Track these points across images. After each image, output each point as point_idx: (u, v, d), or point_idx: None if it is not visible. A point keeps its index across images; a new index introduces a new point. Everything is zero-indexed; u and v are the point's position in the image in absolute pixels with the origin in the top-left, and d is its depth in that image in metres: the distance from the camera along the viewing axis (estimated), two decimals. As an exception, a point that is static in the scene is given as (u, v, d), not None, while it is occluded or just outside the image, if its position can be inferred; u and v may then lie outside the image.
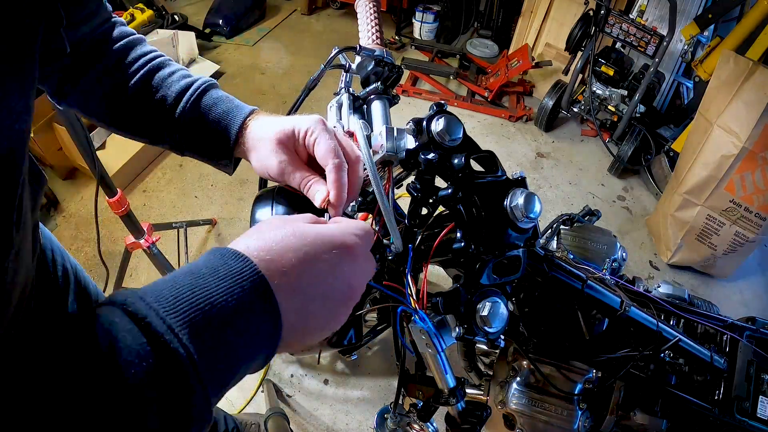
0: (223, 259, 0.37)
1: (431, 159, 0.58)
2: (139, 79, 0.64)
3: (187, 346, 0.30)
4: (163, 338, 0.30)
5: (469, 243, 0.60)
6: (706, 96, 2.26)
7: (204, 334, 0.32)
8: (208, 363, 0.32)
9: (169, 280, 0.34)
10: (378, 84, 0.67)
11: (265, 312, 0.36)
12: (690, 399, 0.91)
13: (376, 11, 0.78)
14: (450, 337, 0.69)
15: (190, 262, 0.38)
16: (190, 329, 0.31)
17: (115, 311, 0.31)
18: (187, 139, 0.65)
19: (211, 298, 0.33)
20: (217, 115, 0.63)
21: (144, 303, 0.31)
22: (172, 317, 0.31)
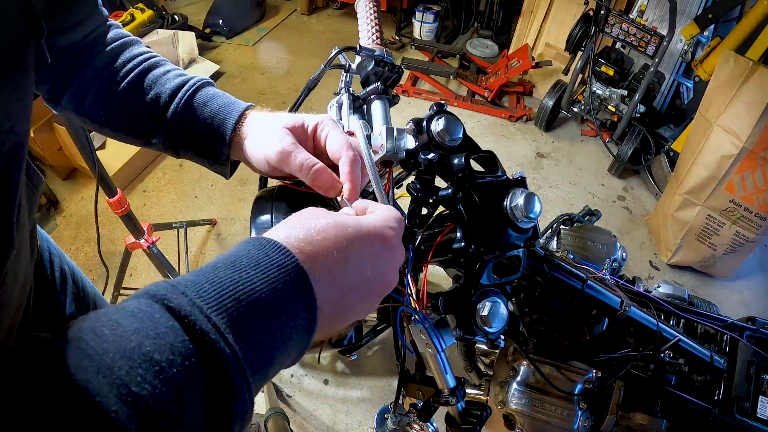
0: (264, 250, 0.36)
1: (431, 159, 0.58)
2: (132, 78, 0.64)
3: (233, 346, 0.30)
4: (209, 338, 0.29)
5: (469, 243, 0.60)
6: (706, 96, 2.26)
7: (248, 332, 0.31)
8: (251, 361, 0.31)
9: (210, 273, 0.33)
10: (378, 84, 0.67)
11: (303, 307, 0.36)
12: (690, 399, 0.91)
13: (376, 11, 0.78)
14: (450, 337, 0.69)
15: (227, 252, 0.36)
16: (233, 327, 0.30)
17: (155, 306, 0.30)
18: (181, 137, 0.63)
19: (254, 294, 0.32)
20: (212, 111, 0.62)
21: (187, 299, 0.30)
22: (216, 315, 0.30)
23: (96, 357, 0.26)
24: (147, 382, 0.27)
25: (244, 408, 0.31)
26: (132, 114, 0.64)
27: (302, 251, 0.37)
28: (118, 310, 0.30)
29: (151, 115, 0.63)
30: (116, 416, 0.25)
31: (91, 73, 0.64)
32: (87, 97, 0.64)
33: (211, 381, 0.29)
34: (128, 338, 0.28)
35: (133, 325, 0.28)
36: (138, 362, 0.27)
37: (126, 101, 0.64)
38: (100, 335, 0.28)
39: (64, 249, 2.49)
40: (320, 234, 0.39)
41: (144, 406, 0.26)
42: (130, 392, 0.26)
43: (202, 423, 0.29)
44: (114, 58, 0.64)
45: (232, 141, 0.61)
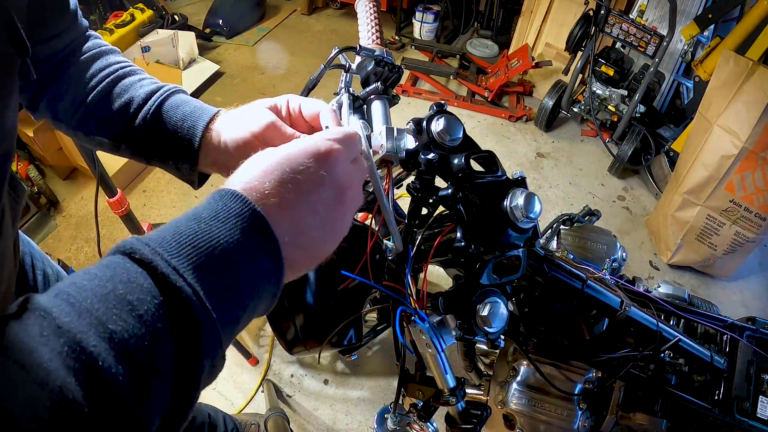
0: (223, 201, 0.38)
1: (431, 159, 0.58)
2: (105, 85, 0.65)
3: (192, 284, 0.33)
4: (169, 278, 0.33)
5: (469, 243, 0.60)
6: (706, 96, 2.26)
7: (208, 273, 0.34)
8: (214, 299, 0.34)
9: (173, 226, 0.37)
10: (378, 84, 0.67)
11: (264, 248, 0.38)
12: (690, 399, 0.91)
13: (376, 11, 0.78)
14: (450, 337, 0.69)
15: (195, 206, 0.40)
16: (194, 270, 0.34)
17: (124, 258, 0.34)
18: (152, 139, 0.65)
19: (212, 241, 0.36)
20: (184, 113, 0.64)
21: (150, 248, 0.34)
22: (176, 260, 0.34)
23: (77, 303, 0.31)
24: (122, 320, 0.31)
25: (212, 343, 0.34)
26: (103, 118, 0.66)
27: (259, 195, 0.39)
28: (94, 266, 0.34)
29: (122, 119, 0.65)
30: (95, 350, 0.29)
31: (66, 81, 0.65)
32: (61, 103, 0.66)
33: (177, 318, 0.32)
34: (104, 285, 0.32)
35: (107, 274, 0.33)
36: (113, 303, 0.31)
37: (97, 106, 0.65)
38: (80, 286, 0.32)
39: (64, 249, 2.49)
40: (269, 174, 0.40)
41: (120, 341, 0.30)
42: (106, 329, 0.30)
43: (173, 358, 0.32)
44: (88, 66, 0.66)
45: (204, 141, 0.63)
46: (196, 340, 0.33)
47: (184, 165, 0.65)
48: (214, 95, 3.39)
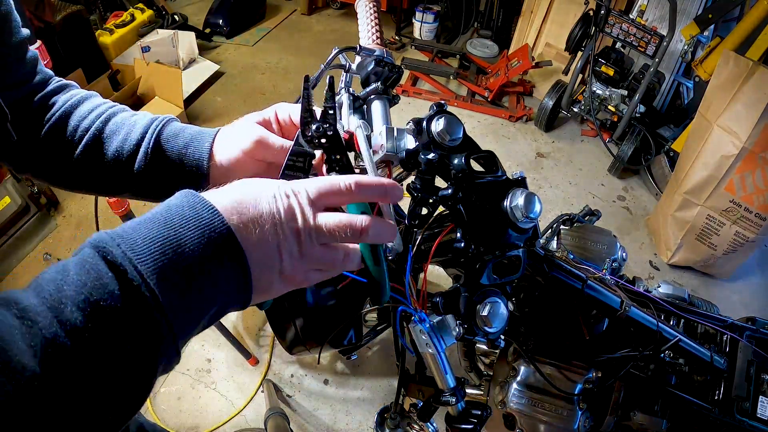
0: (195, 210, 0.40)
1: (431, 159, 0.58)
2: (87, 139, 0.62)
3: (153, 289, 0.36)
4: (134, 283, 0.36)
5: (469, 243, 0.60)
6: (706, 96, 2.26)
7: (170, 279, 0.37)
8: (173, 303, 0.37)
9: (143, 228, 0.39)
10: (378, 84, 0.67)
11: (231, 265, 0.40)
12: (690, 399, 0.91)
13: (376, 11, 0.78)
14: (450, 337, 0.69)
15: (164, 204, 0.42)
16: (158, 275, 0.37)
17: (96, 256, 0.37)
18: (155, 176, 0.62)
19: (180, 249, 0.38)
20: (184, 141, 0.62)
21: (120, 251, 0.37)
22: (143, 265, 0.36)
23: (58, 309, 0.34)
24: (79, 311, 0.34)
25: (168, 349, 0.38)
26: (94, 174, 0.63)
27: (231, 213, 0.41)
28: (67, 265, 0.37)
29: (117, 164, 0.62)
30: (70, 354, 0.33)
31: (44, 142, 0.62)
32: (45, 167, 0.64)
33: (138, 324, 0.36)
34: (80, 291, 0.35)
35: (81, 278, 0.36)
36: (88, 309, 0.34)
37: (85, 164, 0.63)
38: (61, 289, 0.35)
39: (63, 249, 2.49)
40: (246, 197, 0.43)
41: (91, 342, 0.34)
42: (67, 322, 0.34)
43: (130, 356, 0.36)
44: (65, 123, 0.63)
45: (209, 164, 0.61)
46: (155, 345, 0.37)
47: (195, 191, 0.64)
48: (214, 95, 3.39)
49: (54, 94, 0.65)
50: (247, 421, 1.82)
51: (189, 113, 3.10)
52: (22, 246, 2.29)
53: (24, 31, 0.59)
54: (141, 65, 3.01)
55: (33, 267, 2.24)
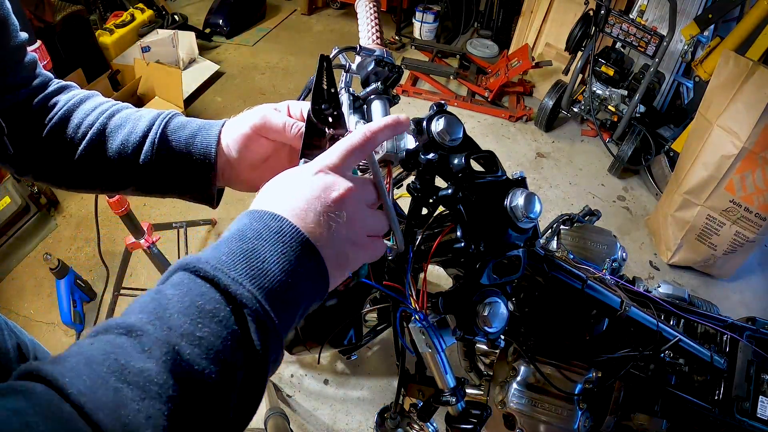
0: (263, 221, 0.42)
1: (431, 159, 0.58)
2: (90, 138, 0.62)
3: (252, 292, 0.38)
4: (230, 289, 0.38)
5: (469, 243, 0.60)
6: (706, 96, 2.26)
7: (263, 282, 0.39)
8: (271, 302, 0.39)
9: (223, 247, 0.41)
10: (378, 84, 0.67)
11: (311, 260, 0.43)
12: (690, 399, 0.91)
13: (376, 11, 0.78)
14: (450, 337, 0.69)
15: (231, 226, 0.44)
16: (250, 280, 0.39)
17: (191, 276, 0.38)
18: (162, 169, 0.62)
19: (261, 257, 0.40)
20: (191, 131, 0.62)
21: (210, 266, 0.38)
22: (234, 273, 0.38)
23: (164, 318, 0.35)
24: (206, 326, 0.36)
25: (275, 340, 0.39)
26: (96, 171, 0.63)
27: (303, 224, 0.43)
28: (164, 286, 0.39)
29: (122, 160, 0.62)
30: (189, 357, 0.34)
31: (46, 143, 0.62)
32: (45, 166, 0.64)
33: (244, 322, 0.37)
34: (182, 300, 0.37)
35: (182, 290, 0.37)
36: (195, 315, 0.36)
37: (88, 161, 0.62)
38: (161, 304, 0.36)
39: (64, 249, 2.48)
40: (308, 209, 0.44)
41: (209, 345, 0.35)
42: (196, 337, 0.35)
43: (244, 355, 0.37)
44: (66, 123, 0.63)
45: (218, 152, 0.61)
46: (265, 340, 0.38)
47: (202, 183, 0.63)
48: (214, 95, 3.39)
49: (54, 95, 0.65)
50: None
51: (189, 113, 3.10)
52: (22, 246, 2.29)
53: (22, 35, 0.59)
54: (141, 65, 3.01)
55: (33, 267, 2.24)
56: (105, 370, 0.31)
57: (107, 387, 0.31)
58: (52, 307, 2.06)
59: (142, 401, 0.31)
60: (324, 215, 0.44)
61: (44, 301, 2.13)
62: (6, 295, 2.15)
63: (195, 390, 0.34)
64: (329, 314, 0.98)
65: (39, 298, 2.14)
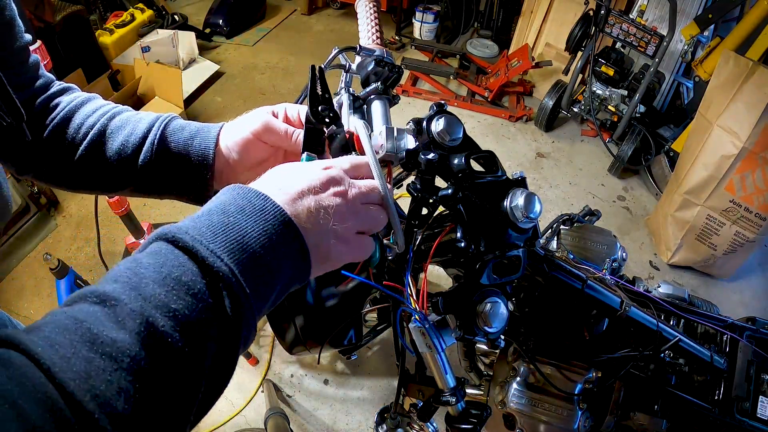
0: (247, 198, 0.43)
1: (431, 159, 0.58)
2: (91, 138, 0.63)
3: (229, 265, 0.38)
4: (207, 261, 0.38)
5: (469, 243, 0.60)
6: (706, 96, 2.26)
7: (239, 257, 0.39)
8: (247, 277, 0.39)
9: (204, 219, 0.41)
10: (378, 84, 0.67)
11: (292, 241, 0.43)
12: (690, 399, 0.91)
13: (376, 11, 0.78)
14: (450, 337, 0.69)
15: (215, 198, 0.44)
16: (228, 254, 0.39)
17: (169, 246, 0.38)
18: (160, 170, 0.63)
19: (242, 231, 0.40)
20: (190, 134, 0.63)
21: (190, 236, 0.39)
22: (213, 245, 0.39)
23: (139, 288, 0.35)
24: (181, 299, 0.36)
25: (248, 314, 0.39)
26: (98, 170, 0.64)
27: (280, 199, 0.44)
28: (142, 254, 0.39)
29: (121, 161, 0.63)
30: (164, 329, 0.34)
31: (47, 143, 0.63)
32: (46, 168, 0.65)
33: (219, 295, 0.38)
34: (159, 270, 0.36)
35: (159, 260, 0.37)
36: (171, 286, 0.36)
37: (88, 162, 0.63)
38: (138, 273, 0.36)
39: (63, 249, 2.48)
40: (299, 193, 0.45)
41: (183, 318, 0.35)
42: (170, 309, 0.35)
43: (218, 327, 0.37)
44: (68, 123, 0.64)
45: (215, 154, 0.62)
46: (238, 315, 0.38)
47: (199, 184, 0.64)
48: (214, 95, 3.39)
49: (56, 96, 0.66)
50: (247, 421, 1.82)
51: (189, 113, 3.10)
52: (22, 246, 2.29)
53: (27, 36, 0.60)
54: (141, 65, 3.01)
55: (33, 267, 2.24)
56: (78, 339, 0.32)
57: (79, 357, 0.31)
58: (52, 307, 2.06)
59: (114, 372, 0.31)
60: (316, 204, 0.45)
61: (44, 301, 2.13)
62: (6, 295, 2.15)
63: (167, 363, 0.34)
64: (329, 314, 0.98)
65: (39, 298, 2.14)
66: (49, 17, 2.69)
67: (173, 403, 0.34)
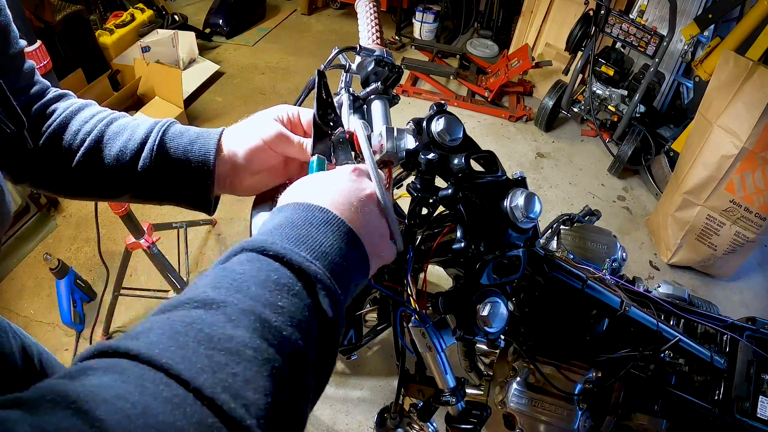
0: (311, 212, 0.45)
1: (431, 159, 0.58)
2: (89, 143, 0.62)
3: (320, 268, 0.40)
4: (302, 266, 0.40)
5: (469, 243, 0.60)
6: (706, 96, 2.26)
7: (325, 262, 0.42)
8: (335, 278, 0.42)
9: (278, 232, 0.43)
10: (378, 84, 0.67)
11: (356, 248, 0.46)
12: (690, 399, 0.91)
13: (376, 11, 0.78)
14: (450, 337, 0.69)
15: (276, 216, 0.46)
16: (316, 259, 0.41)
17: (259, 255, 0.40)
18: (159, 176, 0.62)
19: (318, 241, 0.43)
20: (189, 139, 0.62)
21: (278, 245, 0.40)
22: (302, 252, 0.41)
23: (243, 289, 0.36)
24: (285, 298, 0.37)
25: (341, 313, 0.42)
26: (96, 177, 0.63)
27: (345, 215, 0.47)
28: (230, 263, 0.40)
29: (119, 168, 0.62)
30: (277, 323, 0.35)
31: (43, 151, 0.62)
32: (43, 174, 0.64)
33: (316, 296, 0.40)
34: (256, 275, 0.38)
35: (254, 266, 0.39)
36: (272, 287, 0.38)
37: (86, 168, 0.62)
38: (235, 278, 0.38)
39: (64, 249, 2.48)
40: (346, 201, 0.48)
41: (291, 314, 0.37)
42: (278, 306, 0.37)
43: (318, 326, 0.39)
44: (64, 130, 0.63)
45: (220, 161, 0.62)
46: (335, 310, 0.40)
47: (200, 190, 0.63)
48: (214, 95, 3.39)
49: (52, 103, 0.65)
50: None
51: (189, 113, 3.10)
52: (22, 246, 2.29)
53: (22, 42, 0.60)
54: (141, 65, 3.01)
55: (33, 267, 2.24)
56: (192, 339, 0.31)
57: (199, 354, 0.31)
58: (52, 307, 2.06)
59: (238, 365, 0.31)
60: (359, 208, 0.48)
61: (44, 301, 2.13)
62: (6, 295, 2.15)
63: (287, 355, 0.35)
64: (329, 314, 0.98)
65: (39, 298, 2.14)
66: (49, 17, 2.69)
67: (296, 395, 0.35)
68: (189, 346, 0.31)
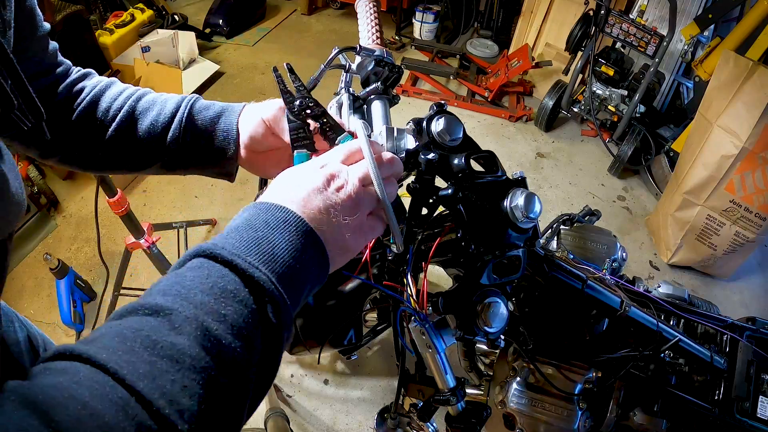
0: (270, 212, 0.45)
1: (431, 159, 0.58)
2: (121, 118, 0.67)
3: (267, 274, 0.41)
4: (248, 272, 0.40)
5: (469, 243, 0.60)
6: (706, 96, 2.26)
7: (274, 266, 0.42)
8: (283, 284, 0.42)
9: (234, 235, 0.43)
10: (378, 84, 0.67)
11: (313, 245, 0.45)
12: (690, 399, 0.91)
13: (376, 11, 0.78)
14: (450, 337, 0.69)
15: (239, 217, 0.46)
16: (264, 265, 0.41)
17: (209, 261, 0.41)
18: (187, 147, 0.67)
19: (272, 243, 0.43)
20: (215, 112, 0.67)
21: (227, 251, 0.41)
22: (250, 258, 0.41)
23: (189, 298, 0.37)
24: (229, 305, 0.38)
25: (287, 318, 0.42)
26: (128, 149, 0.67)
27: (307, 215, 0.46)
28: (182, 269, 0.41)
29: (151, 140, 0.66)
30: (217, 332, 0.36)
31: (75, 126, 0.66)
32: (75, 149, 0.67)
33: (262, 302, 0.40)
34: (204, 282, 0.39)
35: (203, 273, 0.40)
36: (219, 294, 0.38)
37: (118, 142, 0.67)
38: (184, 285, 0.38)
39: (64, 249, 2.48)
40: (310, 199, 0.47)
41: (233, 321, 0.37)
42: (221, 314, 0.37)
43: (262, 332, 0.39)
44: (96, 106, 0.67)
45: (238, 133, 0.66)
46: (278, 317, 0.41)
47: (224, 159, 0.68)
48: (214, 95, 3.39)
49: (78, 81, 0.69)
50: (247, 421, 1.82)
51: (189, 113, 3.10)
52: (22, 246, 2.29)
53: (46, 25, 0.63)
54: (141, 65, 3.01)
55: (33, 267, 2.24)
56: (138, 345, 0.33)
57: (143, 361, 0.32)
58: (52, 307, 2.06)
59: (177, 372, 0.33)
60: (324, 204, 0.47)
61: (44, 301, 2.13)
62: (6, 295, 2.14)
63: (224, 363, 0.36)
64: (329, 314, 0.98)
65: (39, 298, 2.14)
66: (49, 17, 2.69)
67: (231, 400, 0.36)
68: (135, 352, 0.33)
